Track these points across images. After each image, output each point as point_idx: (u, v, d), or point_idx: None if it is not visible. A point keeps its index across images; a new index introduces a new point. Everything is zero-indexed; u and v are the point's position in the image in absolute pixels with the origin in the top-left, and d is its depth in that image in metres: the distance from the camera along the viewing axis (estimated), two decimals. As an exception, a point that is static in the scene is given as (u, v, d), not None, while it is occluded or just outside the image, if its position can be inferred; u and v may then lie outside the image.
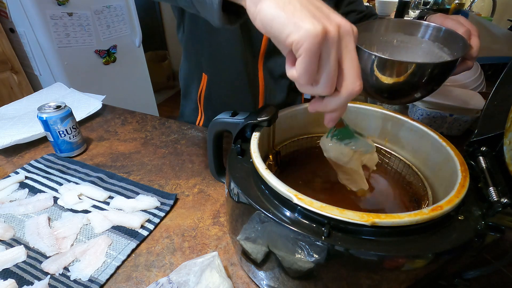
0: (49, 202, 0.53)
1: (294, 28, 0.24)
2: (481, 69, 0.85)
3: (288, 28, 0.25)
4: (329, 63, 0.25)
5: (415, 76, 0.42)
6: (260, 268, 0.35)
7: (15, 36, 1.48)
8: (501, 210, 0.27)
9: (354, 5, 0.70)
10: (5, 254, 0.43)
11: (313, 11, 0.25)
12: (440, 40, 0.49)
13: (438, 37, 0.50)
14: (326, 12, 0.26)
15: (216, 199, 0.55)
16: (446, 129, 0.72)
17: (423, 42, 0.51)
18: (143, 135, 0.74)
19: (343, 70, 0.26)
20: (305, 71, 0.25)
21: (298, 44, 0.24)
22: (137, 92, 1.96)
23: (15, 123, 0.73)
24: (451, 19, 0.49)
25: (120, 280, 0.41)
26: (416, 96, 0.47)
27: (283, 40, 0.25)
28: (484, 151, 0.34)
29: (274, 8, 0.25)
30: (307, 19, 0.24)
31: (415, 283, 0.28)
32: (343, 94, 0.27)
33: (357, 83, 0.27)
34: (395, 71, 0.42)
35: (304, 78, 0.26)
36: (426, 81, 0.42)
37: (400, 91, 0.46)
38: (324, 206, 0.27)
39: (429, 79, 0.42)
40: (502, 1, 1.64)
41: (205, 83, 0.71)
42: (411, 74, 0.41)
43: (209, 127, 0.42)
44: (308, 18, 0.24)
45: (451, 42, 0.48)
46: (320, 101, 0.30)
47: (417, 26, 0.51)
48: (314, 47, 0.24)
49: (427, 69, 0.41)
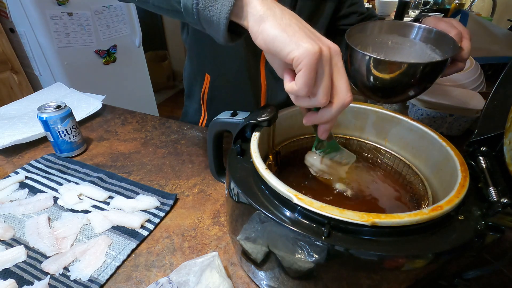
0: (49, 202, 0.53)
1: (295, 46, 0.28)
2: (481, 69, 0.85)
3: (290, 46, 0.28)
4: (325, 77, 0.29)
5: (406, 75, 0.45)
6: (260, 268, 0.35)
7: (15, 36, 1.48)
8: (501, 210, 0.27)
9: (355, 7, 0.72)
10: (5, 254, 0.43)
11: (309, 34, 0.29)
12: (432, 41, 0.52)
13: (430, 39, 0.52)
14: (318, 36, 0.30)
15: (216, 199, 0.55)
16: (446, 129, 0.72)
17: (416, 44, 0.54)
18: (143, 135, 0.74)
19: (335, 84, 0.30)
20: (304, 84, 0.29)
21: (299, 60, 0.28)
22: (137, 92, 1.96)
23: (15, 123, 0.73)
24: (444, 22, 0.51)
25: (120, 280, 0.41)
26: (410, 94, 0.50)
27: (284, 56, 0.29)
28: (484, 151, 0.34)
29: (277, 29, 0.29)
30: (306, 40, 0.28)
31: (415, 283, 0.28)
32: (336, 105, 0.31)
33: (348, 94, 0.30)
34: (388, 71, 0.45)
35: (303, 90, 0.29)
36: (417, 80, 0.45)
37: (393, 90, 0.49)
38: (324, 206, 0.27)
39: (420, 78, 0.45)
40: (502, 1, 1.64)
41: (208, 83, 0.73)
42: (402, 73, 0.44)
43: (209, 127, 0.42)
44: (306, 38, 0.28)
45: (442, 44, 0.50)
46: (314, 114, 0.33)
47: (410, 28, 0.54)
48: (313, 62, 0.28)
49: (417, 68, 0.44)
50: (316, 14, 0.66)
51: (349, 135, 0.49)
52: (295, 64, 0.29)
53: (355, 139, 0.48)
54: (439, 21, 0.52)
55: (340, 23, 0.73)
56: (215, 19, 0.32)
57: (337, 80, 0.30)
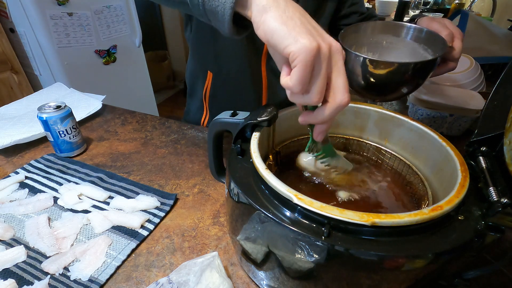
0: (49, 202, 0.53)
1: (293, 41, 0.27)
2: (481, 69, 0.85)
3: (288, 40, 0.28)
4: (320, 75, 0.28)
5: (397, 74, 0.47)
6: (260, 268, 0.35)
7: (15, 36, 1.48)
8: (501, 210, 0.27)
9: (356, 7, 0.72)
10: (5, 254, 0.43)
11: (310, 30, 0.28)
12: (424, 41, 0.53)
13: (422, 39, 0.54)
14: (320, 32, 0.29)
15: (216, 199, 0.55)
16: (446, 129, 0.72)
17: (410, 44, 0.56)
18: (143, 135, 0.74)
19: (333, 83, 0.30)
20: (299, 81, 0.28)
21: (295, 55, 0.27)
22: (137, 92, 1.96)
23: (15, 123, 0.73)
24: (436, 22, 0.53)
25: (120, 280, 0.41)
26: (403, 92, 0.51)
27: (281, 50, 0.28)
28: (484, 151, 0.34)
29: (278, 21, 0.29)
30: (305, 35, 0.27)
31: (415, 283, 0.28)
32: (333, 105, 0.30)
33: (345, 95, 0.29)
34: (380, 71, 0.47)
35: (297, 87, 0.28)
36: (408, 78, 0.47)
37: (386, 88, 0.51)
38: (324, 206, 0.27)
39: (411, 76, 0.47)
40: (502, 1, 1.64)
41: (210, 81, 0.73)
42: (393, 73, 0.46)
43: (209, 127, 0.42)
44: (305, 34, 0.27)
45: (434, 44, 0.51)
46: (310, 113, 0.33)
47: (403, 28, 0.55)
48: (309, 59, 0.27)
49: (408, 68, 0.46)
50: (317, 13, 0.66)
51: (349, 135, 0.49)
52: (291, 59, 0.28)
53: (355, 139, 0.48)
54: (432, 21, 0.53)
55: (341, 23, 0.73)
56: (220, 9, 0.32)
57: (335, 79, 0.29)
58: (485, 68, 0.95)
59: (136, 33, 1.81)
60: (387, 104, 0.88)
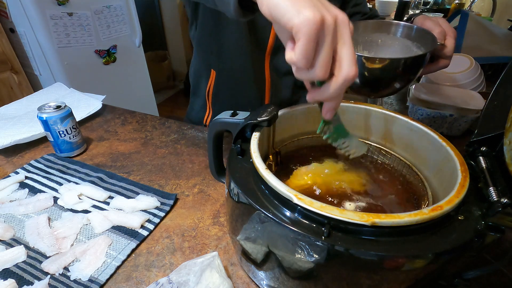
0: (49, 202, 0.53)
1: (296, 13, 0.26)
2: (481, 69, 0.85)
3: (290, 13, 0.26)
4: (324, 49, 0.27)
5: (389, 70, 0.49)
6: (260, 268, 0.35)
7: (15, 36, 1.48)
8: (501, 210, 0.27)
9: (359, 7, 0.73)
10: (5, 254, 0.43)
11: (315, 2, 0.27)
12: (417, 39, 0.55)
13: (414, 36, 0.55)
14: (326, 4, 0.28)
15: (216, 199, 0.55)
16: (446, 129, 0.72)
17: (403, 42, 0.57)
18: (143, 135, 0.74)
19: (339, 56, 0.28)
20: (303, 55, 0.27)
21: (298, 28, 0.26)
22: (137, 92, 1.96)
23: (15, 123, 0.73)
24: (430, 20, 0.53)
25: (120, 280, 0.41)
26: (396, 87, 0.53)
27: (284, 24, 0.27)
28: (484, 151, 0.34)
29: None
30: (308, 7, 0.26)
31: (415, 283, 0.28)
32: (339, 79, 0.28)
33: (352, 67, 0.28)
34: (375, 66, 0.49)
35: (301, 61, 0.27)
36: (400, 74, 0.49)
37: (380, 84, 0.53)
38: (324, 206, 0.27)
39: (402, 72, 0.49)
40: (502, 1, 1.64)
41: (214, 79, 0.73)
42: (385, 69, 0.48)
43: (209, 127, 0.42)
44: (309, 6, 0.26)
45: (425, 41, 0.53)
46: (317, 89, 0.31)
47: (397, 27, 0.57)
48: (312, 32, 0.26)
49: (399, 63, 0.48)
50: None
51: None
52: (294, 33, 0.27)
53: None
54: (426, 19, 0.54)
55: None
56: None
57: (341, 52, 0.28)
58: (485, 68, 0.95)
59: (136, 33, 1.81)
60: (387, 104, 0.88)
